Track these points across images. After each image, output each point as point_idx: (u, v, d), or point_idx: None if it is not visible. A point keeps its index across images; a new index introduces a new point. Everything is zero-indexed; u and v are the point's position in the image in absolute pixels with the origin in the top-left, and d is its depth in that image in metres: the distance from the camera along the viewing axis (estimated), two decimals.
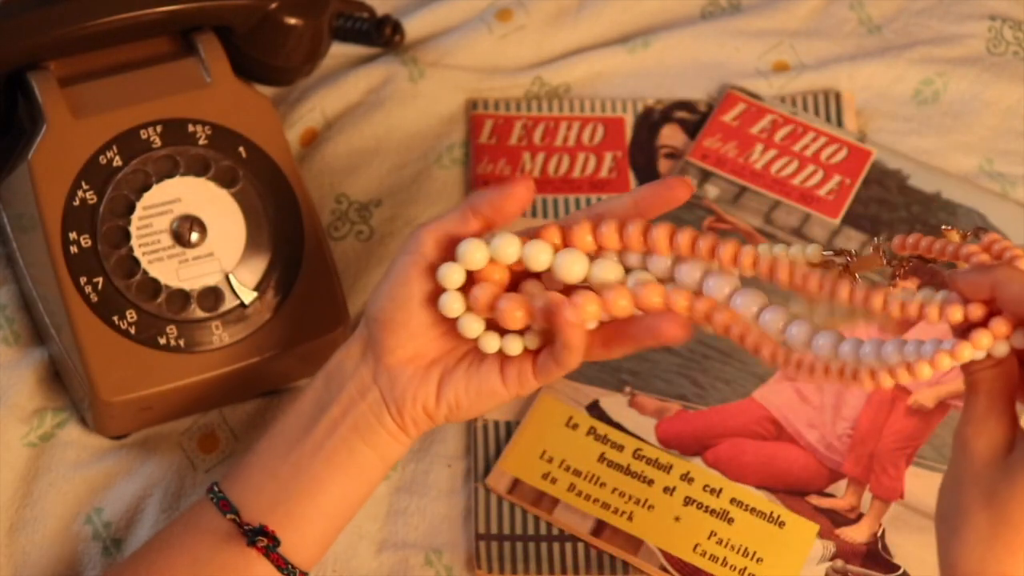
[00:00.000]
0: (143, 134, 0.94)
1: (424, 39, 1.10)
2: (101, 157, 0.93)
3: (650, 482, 0.94)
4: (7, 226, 0.97)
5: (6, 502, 0.93)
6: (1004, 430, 0.71)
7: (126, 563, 0.87)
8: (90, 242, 0.92)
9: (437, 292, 0.83)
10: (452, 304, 0.82)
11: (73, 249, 0.92)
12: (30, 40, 0.93)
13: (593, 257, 0.81)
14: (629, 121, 1.07)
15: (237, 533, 0.83)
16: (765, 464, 0.95)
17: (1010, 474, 0.69)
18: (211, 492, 0.85)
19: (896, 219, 1.03)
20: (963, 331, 0.72)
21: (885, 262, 0.79)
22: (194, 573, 0.83)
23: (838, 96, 1.08)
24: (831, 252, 0.80)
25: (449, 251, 0.82)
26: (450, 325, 0.83)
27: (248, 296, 0.93)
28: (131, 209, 0.93)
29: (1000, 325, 0.71)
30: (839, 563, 0.92)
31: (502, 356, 0.83)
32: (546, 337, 0.82)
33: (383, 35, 1.06)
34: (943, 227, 0.78)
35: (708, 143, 1.06)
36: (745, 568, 0.91)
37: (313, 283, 0.95)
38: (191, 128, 0.95)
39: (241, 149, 0.95)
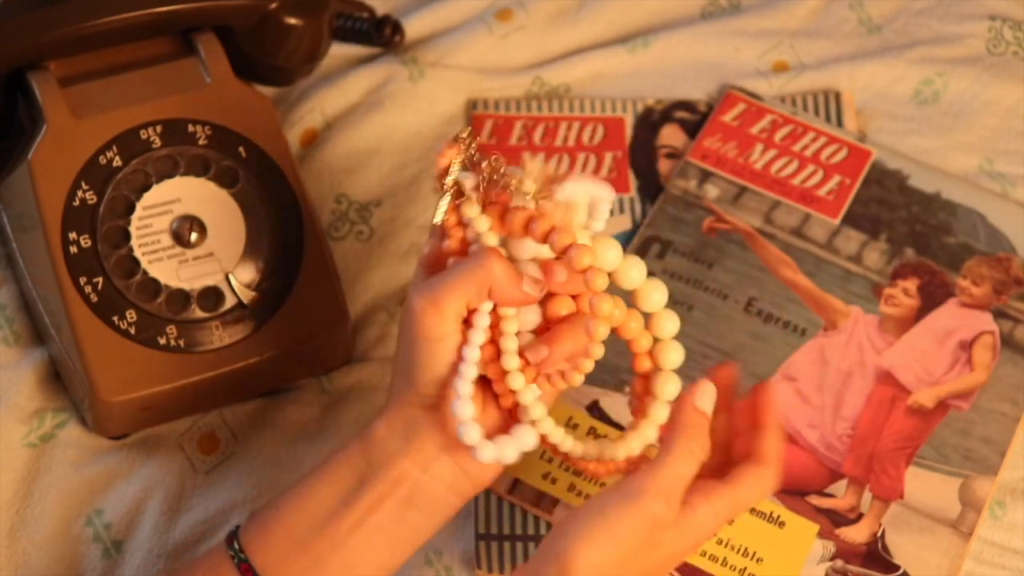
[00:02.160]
0: (143, 134, 0.94)
1: (424, 39, 1.10)
2: (101, 157, 0.93)
3: None
4: (7, 226, 0.97)
5: (6, 503, 0.93)
6: None
7: None
8: (90, 242, 0.92)
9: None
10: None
11: (73, 249, 0.92)
12: (30, 40, 0.93)
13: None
14: (629, 121, 1.07)
15: None
16: None
17: None
18: (232, 548, 0.81)
19: (896, 219, 1.03)
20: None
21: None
22: None
23: (838, 96, 1.08)
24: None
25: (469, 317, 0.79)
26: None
27: (248, 296, 0.93)
28: (131, 209, 0.93)
29: None
30: (839, 563, 0.92)
31: None
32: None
33: (383, 35, 1.06)
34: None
35: (708, 143, 1.06)
36: (745, 568, 0.91)
37: (313, 283, 0.95)
38: (191, 128, 0.95)
39: (241, 149, 0.96)
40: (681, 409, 0.78)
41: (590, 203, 0.80)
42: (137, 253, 0.92)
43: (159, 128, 0.95)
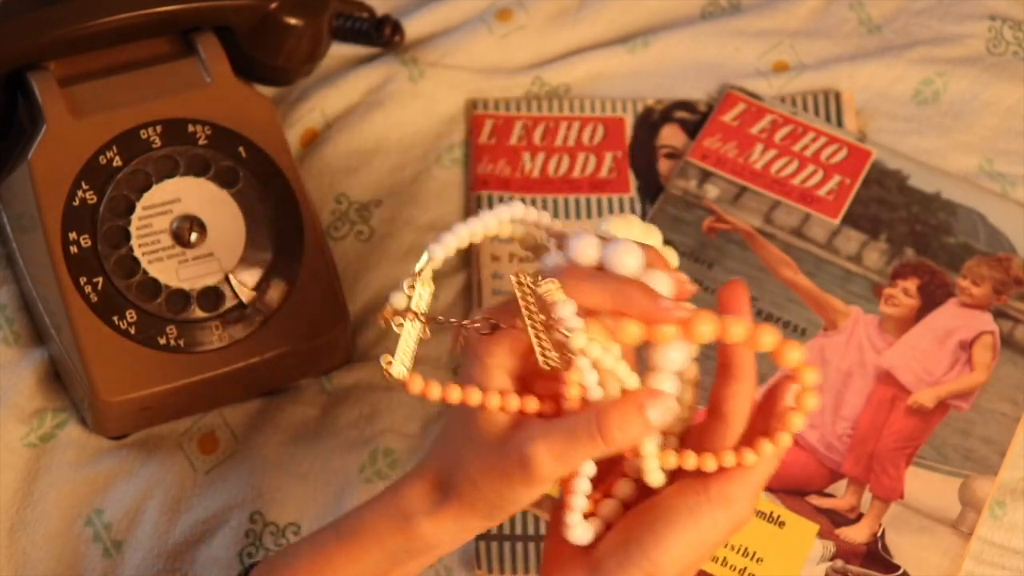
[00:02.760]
0: (143, 134, 0.94)
1: (424, 39, 1.10)
2: (101, 157, 0.93)
3: None
4: (7, 226, 0.97)
5: (6, 503, 0.93)
6: None
7: None
8: (90, 242, 0.92)
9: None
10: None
11: (73, 249, 0.92)
12: (30, 40, 0.93)
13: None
14: (629, 121, 1.07)
15: None
16: None
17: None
18: None
19: (896, 219, 1.03)
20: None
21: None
22: None
23: (838, 96, 1.08)
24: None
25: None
26: None
27: (248, 296, 0.93)
28: (131, 209, 0.93)
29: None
30: (839, 563, 0.92)
31: None
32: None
33: (383, 35, 1.06)
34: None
35: (708, 143, 1.06)
36: (745, 568, 0.91)
37: (313, 283, 0.95)
38: (191, 128, 0.95)
39: (241, 149, 0.96)
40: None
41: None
42: (137, 253, 0.92)
43: (159, 128, 0.95)
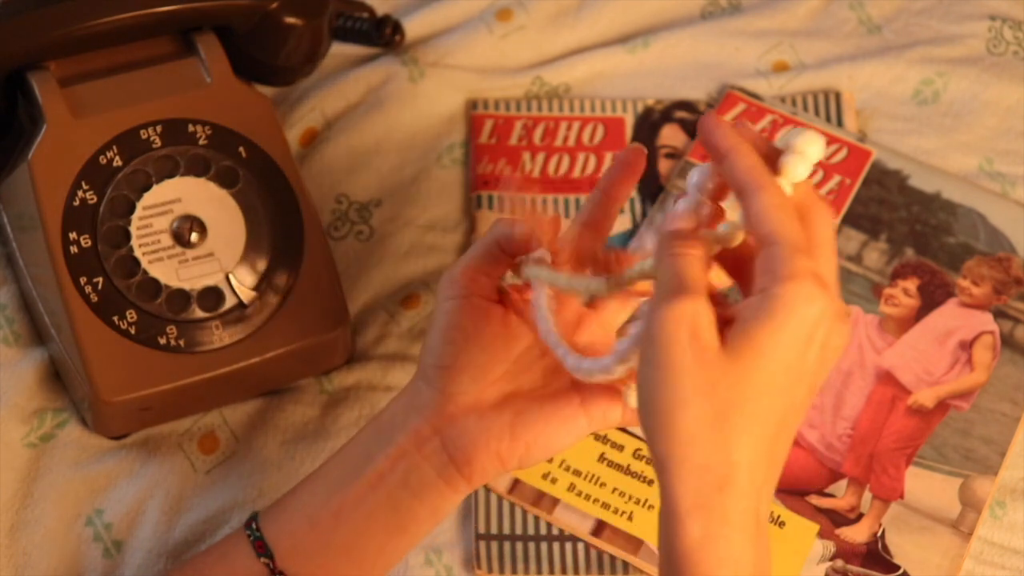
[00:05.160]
0: (143, 134, 0.94)
1: (424, 39, 1.10)
2: (101, 157, 0.93)
3: (650, 482, 0.94)
4: (7, 226, 0.97)
5: (6, 503, 0.93)
6: (717, 315, 0.70)
7: None
8: (90, 242, 0.92)
9: (492, 331, 0.80)
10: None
11: (73, 249, 0.92)
12: (30, 40, 0.93)
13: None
14: (629, 121, 1.07)
15: None
16: None
17: (732, 360, 0.68)
18: (249, 528, 0.83)
19: (896, 219, 1.03)
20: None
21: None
22: None
23: (838, 96, 1.08)
24: None
25: (487, 286, 0.80)
26: (515, 363, 0.81)
27: (248, 296, 0.93)
28: (131, 209, 0.93)
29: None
30: (839, 563, 0.92)
31: (583, 391, 0.80)
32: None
33: (383, 35, 1.06)
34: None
35: None
36: None
37: (313, 283, 0.95)
38: (191, 128, 0.95)
39: (241, 149, 0.96)
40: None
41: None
42: (137, 253, 0.92)
43: (159, 128, 0.95)
